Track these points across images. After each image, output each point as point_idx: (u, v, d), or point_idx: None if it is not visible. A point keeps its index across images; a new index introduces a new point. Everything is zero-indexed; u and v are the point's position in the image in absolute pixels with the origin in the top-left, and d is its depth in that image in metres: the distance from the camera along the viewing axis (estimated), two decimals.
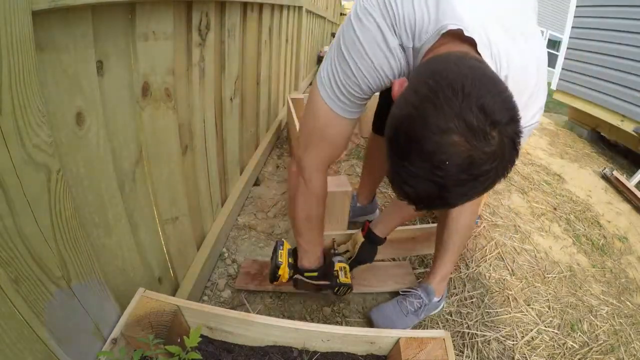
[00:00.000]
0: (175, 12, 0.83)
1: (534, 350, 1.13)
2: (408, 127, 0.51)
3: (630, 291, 1.49)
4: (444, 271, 1.15)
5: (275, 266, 1.04)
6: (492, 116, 0.47)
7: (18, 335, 0.49)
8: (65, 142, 0.56)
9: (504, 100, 0.50)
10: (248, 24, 1.48)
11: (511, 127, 0.49)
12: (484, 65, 0.56)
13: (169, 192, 0.93)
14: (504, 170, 0.51)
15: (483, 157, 0.48)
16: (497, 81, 0.52)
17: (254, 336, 0.83)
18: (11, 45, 0.41)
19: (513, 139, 0.49)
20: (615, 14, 3.05)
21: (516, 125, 0.49)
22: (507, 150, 0.49)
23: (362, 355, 0.84)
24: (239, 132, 1.55)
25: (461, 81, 0.48)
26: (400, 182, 0.55)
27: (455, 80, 0.49)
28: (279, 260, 1.05)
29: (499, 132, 0.48)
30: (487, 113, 0.47)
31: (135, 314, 0.74)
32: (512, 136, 0.49)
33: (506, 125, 0.48)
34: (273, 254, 1.09)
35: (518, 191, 2.17)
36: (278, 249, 1.08)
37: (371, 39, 0.67)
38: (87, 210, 0.63)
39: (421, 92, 0.51)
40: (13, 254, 0.47)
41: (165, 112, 0.85)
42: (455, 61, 0.55)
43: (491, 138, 0.47)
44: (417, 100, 0.51)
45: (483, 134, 0.47)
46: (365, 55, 0.69)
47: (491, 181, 0.51)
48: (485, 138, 0.47)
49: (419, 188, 0.53)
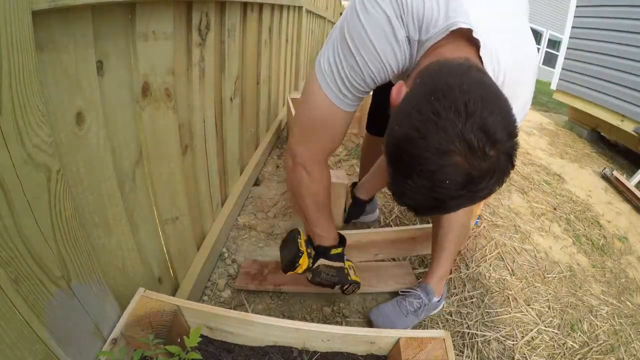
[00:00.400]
0: (175, 12, 0.83)
1: (534, 350, 1.13)
2: (410, 147, 0.52)
3: (630, 291, 1.49)
4: (441, 270, 1.15)
5: (295, 255, 0.98)
6: (493, 136, 0.49)
7: (18, 335, 0.49)
8: (65, 142, 0.56)
9: (504, 117, 0.52)
10: (248, 24, 1.48)
11: (509, 143, 0.51)
12: (485, 78, 0.57)
13: (169, 192, 0.93)
14: (500, 182, 0.53)
15: (481, 174, 0.50)
16: (498, 96, 0.54)
17: (254, 336, 0.83)
18: (11, 45, 0.41)
19: (509, 154, 0.51)
20: (615, 14, 3.05)
21: (513, 140, 0.52)
22: (503, 164, 0.51)
23: (362, 355, 0.84)
24: (239, 132, 1.55)
25: (464, 101, 0.49)
26: (400, 194, 0.58)
27: (458, 100, 0.50)
28: (300, 249, 0.99)
29: (497, 150, 0.50)
30: (488, 134, 0.49)
31: (135, 314, 0.74)
32: (509, 151, 0.51)
33: (505, 143, 0.50)
34: (287, 243, 1.03)
35: (518, 191, 2.17)
36: (297, 238, 1.02)
37: (379, 30, 0.65)
38: (87, 210, 0.63)
39: (424, 113, 0.52)
40: (13, 254, 0.47)
41: (165, 112, 0.85)
42: (459, 74, 0.55)
43: (489, 157, 0.50)
44: (419, 120, 0.52)
45: (482, 153, 0.49)
46: (372, 47, 0.67)
47: (487, 192, 0.54)
48: (484, 156, 0.49)
49: (418, 200, 0.56)
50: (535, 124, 3.91)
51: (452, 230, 1.09)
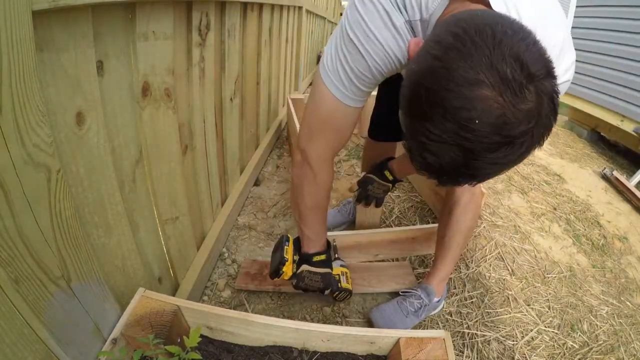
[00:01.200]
0: (175, 12, 0.83)
1: (534, 350, 1.13)
2: (430, 81, 0.44)
3: (630, 291, 1.49)
4: (444, 272, 1.15)
5: (279, 262, 1.00)
6: (529, 68, 0.40)
7: (18, 335, 0.49)
8: (65, 142, 0.56)
9: (540, 50, 0.42)
10: (248, 24, 1.48)
11: (549, 82, 0.42)
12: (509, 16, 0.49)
13: (169, 192, 0.93)
14: (541, 136, 0.44)
15: (519, 116, 0.41)
16: (528, 30, 0.44)
17: (254, 336, 0.83)
18: (11, 44, 0.41)
19: (552, 97, 0.42)
20: (614, 14, 3.05)
21: (554, 80, 0.43)
22: (545, 110, 0.42)
23: (362, 355, 0.84)
24: (239, 132, 1.55)
25: (491, 27, 0.41)
26: (421, 149, 0.47)
27: (484, 26, 0.42)
28: (284, 256, 1.01)
29: (535, 88, 0.41)
30: (522, 64, 0.40)
31: (135, 314, 0.74)
32: (551, 93, 0.42)
33: (543, 80, 0.41)
34: (277, 249, 1.05)
35: (518, 191, 2.17)
36: (283, 244, 1.04)
37: (378, 21, 0.64)
38: (87, 210, 0.63)
39: (445, 42, 0.44)
40: (13, 254, 0.47)
41: (165, 112, 0.85)
42: (478, 12, 0.48)
43: (528, 93, 0.40)
44: (440, 50, 0.44)
45: (519, 88, 0.40)
46: (374, 38, 0.66)
47: (526, 147, 0.44)
48: (521, 93, 0.40)
49: (443, 155, 0.45)
50: None
51: (459, 232, 1.09)
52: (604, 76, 3.14)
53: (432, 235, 1.37)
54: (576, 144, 3.36)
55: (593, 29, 3.30)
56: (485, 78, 0.40)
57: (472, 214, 1.08)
